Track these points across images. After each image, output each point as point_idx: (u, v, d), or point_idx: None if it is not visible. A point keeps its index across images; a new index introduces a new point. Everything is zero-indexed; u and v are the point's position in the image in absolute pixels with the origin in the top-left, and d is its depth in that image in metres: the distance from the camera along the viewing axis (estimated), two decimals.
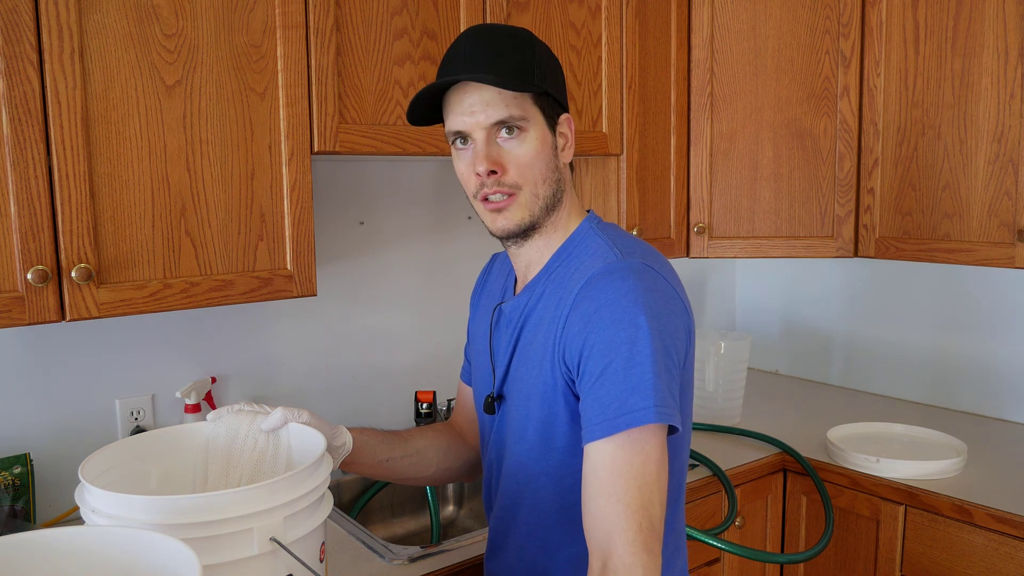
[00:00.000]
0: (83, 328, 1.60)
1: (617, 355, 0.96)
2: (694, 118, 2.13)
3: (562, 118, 1.11)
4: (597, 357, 0.98)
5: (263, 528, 0.92)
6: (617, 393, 0.96)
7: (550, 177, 1.09)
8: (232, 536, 0.91)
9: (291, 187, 1.46)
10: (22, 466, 1.51)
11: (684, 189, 2.15)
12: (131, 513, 0.91)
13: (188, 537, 0.85)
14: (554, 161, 1.09)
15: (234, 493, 0.92)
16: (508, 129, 1.05)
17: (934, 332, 2.32)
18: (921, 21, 1.95)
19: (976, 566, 1.66)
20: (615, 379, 0.96)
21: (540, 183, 1.08)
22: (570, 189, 1.16)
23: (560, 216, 1.14)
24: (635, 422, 0.94)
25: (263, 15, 1.41)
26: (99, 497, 0.94)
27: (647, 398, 0.94)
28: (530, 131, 1.06)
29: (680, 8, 2.08)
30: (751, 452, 1.97)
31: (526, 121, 1.05)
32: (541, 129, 1.07)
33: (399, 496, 1.89)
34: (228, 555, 0.91)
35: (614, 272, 1.02)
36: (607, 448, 0.96)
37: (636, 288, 0.99)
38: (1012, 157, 1.81)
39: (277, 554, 0.94)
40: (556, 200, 1.11)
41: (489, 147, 1.05)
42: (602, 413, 0.96)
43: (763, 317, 2.76)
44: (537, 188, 1.08)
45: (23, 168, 1.20)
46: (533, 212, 1.09)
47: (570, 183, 1.16)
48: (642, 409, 0.94)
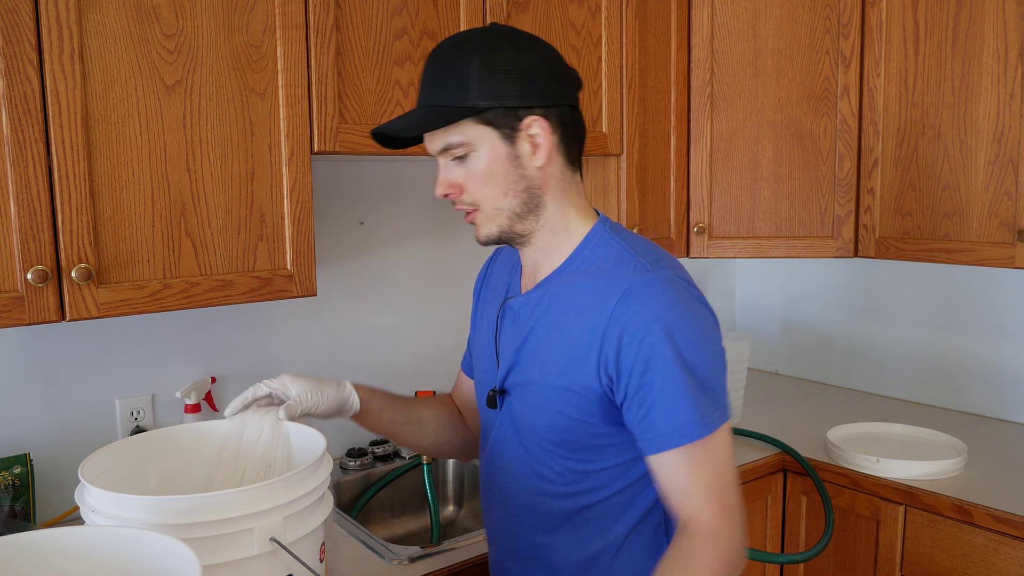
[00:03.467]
0: (83, 328, 1.60)
1: (675, 367, 1.01)
2: (694, 118, 2.13)
3: (525, 123, 1.06)
4: (655, 371, 1.01)
5: (263, 528, 0.93)
6: (683, 403, 1.01)
7: (513, 188, 1.08)
8: (232, 536, 0.92)
9: (291, 187, 1.46)
10: (22, 466, 1.51)
11: (684, 189, 2.15)
12: (131, 513, 0.91)
13: (188, 537, 0.85)
14: (516, 172, 1.07)
15: (234, 493, 0.93)
16: (458, 155, 1.08)
17: (934, 332, 2.32)
18: (921, 21, 1.95)
19: (976, 566, 1.66)
20: (680, 390, 1.01)
21: (500, 197, 1.08)
22: (562, 190, 1.12)
23: (552, 219, 1.12)
24: (709, 429, 1.01)
25: (263, 15, 1.41)
26: (99, 497, 0.94)
27: (714, 405, 1.03)
28: (476, 151, 1.07)
29: (680, 8, 2.08)
30: (751, 452, 1.97)
31: (467, 144, 1.07)
32: (490, 145, 1.06)
33: (399, 496, 1.89)
34: (228, 555, 0.92)
35: (654, 285, 1.04)
36: (682, 457, 1.03)
37: (681, 300, 1.04)
38: (1012, 157, 1.81)
39: (277, 554, 0.94)
40: (530, 208, 1.10)
41: (445, 171, 1.10)
42: (671, 423, 1.02)
43: (763, 317, 2.76)
44: (498, 202, 1.09)
45: (23, 168, 1.20)
46: (501, 224, 1.10)
47: (563, 183, 1.12)
48: (712, 415, 1.02)
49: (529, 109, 1.06)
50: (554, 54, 1.10)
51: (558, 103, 1.07)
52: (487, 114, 1.05)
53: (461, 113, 1.05)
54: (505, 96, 1.04)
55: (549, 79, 1.07)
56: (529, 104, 1.05)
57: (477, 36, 1.08)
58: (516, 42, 1.07)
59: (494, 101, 1.04)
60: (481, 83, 1.04)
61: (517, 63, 1.05)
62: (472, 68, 1.04)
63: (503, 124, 1.06)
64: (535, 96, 1.05)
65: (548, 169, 1.09)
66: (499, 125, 1.06)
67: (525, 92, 1.05)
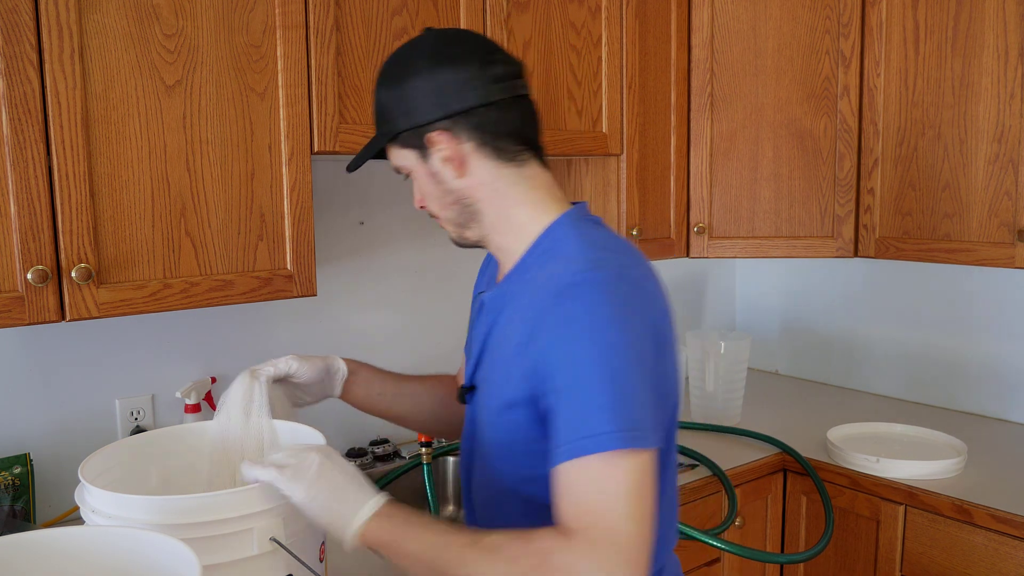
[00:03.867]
0: (83, 328, 1.60)
1: (580, 376, 0.92)
2: (694, 118, 2.13)
3: (429, 139, 1.05)
4: (565, 375, 0.94)
5: (263, 528, 0.93)
6: (583, 415, 0.91)
7: (444, 200, 1.10)
8: (232, 536, 0.92)
9: (291, 187, 1.46)
10: (22, 466, 1.51)
11: (684, 189, 2.15)
12: (131, 513, 0.92)
13: (189, 537, 0.85)
14: (439, 187, 1.08)
15: (233, 493, 0.93)
16: (405, 174, 1.13)
17: (934, 332, 2.32)
18: (921, 21, 1.95)
19: (976, 566, 1.66)
20: (581, 400, 0.92)
21: (441, 210, 1.12)
22: (498, 192, 1.07)
23: (494, 223, 1.10)
24: (599, 447, 0.89)
25: (263, 15, 1.41)
26: (99, 497, 0.94)
27: (611, 422, 0.90)
28: (413, 173, 1.11)
29: (680, 8, 2.08)
30: (751, 452, 1.97)
31: (403, 167, 1.11)
32: (418, 165, 1.09)
33: (399, 496, 1.87)
34: (229, 555, 0.92)
35: (583, 284, 0.96)
36: (571, 471, 0.91)
37: (606, 302, 0.94)
38: (1012, 157, 1.81)
39: (277, 554, 0.95)
40: (467, 216, 1.10)
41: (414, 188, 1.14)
42: (567, 435, 0.92)
43: (763, 317, 2.76)
44: (442, 213, 1.12)
45: (23, 168, 1.20)
46: (453, 231, 1.14)
47: (498, 185, 1.07)
48: (605, 433, 0.89)
49: (431, 125, 1.04)
50: (460, 54, 1.05)
51: (465, 108, 1.03)
52: (401, 137, 1.07)
53: (384, 140, 1.09)
54: (407, 118, 1.05)
55: (448, 87, 1.03)
56: (431, 120, 1.04)
57: (389, 61, 1.10)
58: (416, 57, 1.06)
59: (400, 125, 1.06)
60: (386, 112, 1.08)
61: (410, 84, 1.05)
62: (381, 95, 1.09)
63: (415, 144, 1.07)
64: (432, 110, 1.04)
65: (472, 178, 1.07)
66: (413, 146, 1.07)
67: (421, 110, 1.04)
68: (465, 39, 1.08)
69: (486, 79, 1.04)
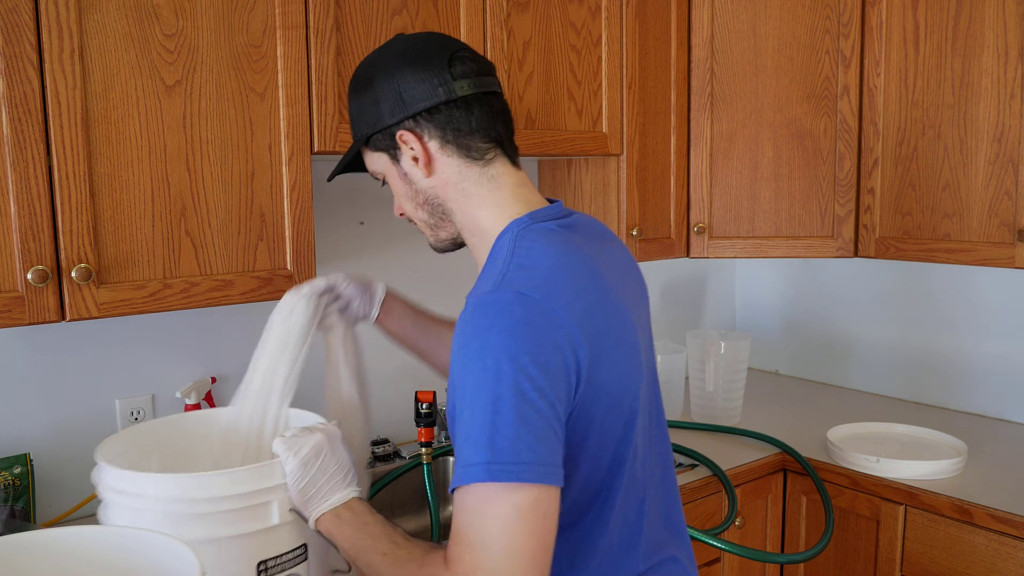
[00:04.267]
0: (83, 328, 1.60)
1: (466, 402, 0.90)
2: (694, 118, 2.13)
3: (398, 139, 1.05)
4: (456, 400, 0.92)
5: (283, 500, 1.00)
6: (464, 443, 0.89)
7: (416, 200, 1.10)
8: (254, 508, 0.99)
9: (291, 187, 1.46)
10: (22, 466, 1.51)
11: (684, 189, 2.15)
12: (156, 491, 0.97)
13: (214, 511, 0.96)
14: (411, 187, 1.08)
15: (253, 469, 1.00)
16: (380, 181, 1.14)
17: (934, 332, 2.32)
18: (921, 21, 1.95)
19: (976, 566, 1.66)
20: (464, 428, 0.90)
21: (415, 211, 1.11)
22: (463, 191, 1.06)
23: (463, 223, 1.08)
24: (471, 477, 0.87)
25: (263, 15, 1.41)
26: (122, 478, 0.98)
27: (481, 453, 0.87)
28: (386, 176, 1.12)
29: (680, 8, 2.08)
30: (751, 452, 1.97)
31: (379, 172, 1.12)
32: (390, 168, 1.10)
33: (399, 496, 1.89)
34: (251, 526, 0.99)
35: (480, 306, 0.93)
36: (456, 498, 0.90)
37: (497, 327, 0.90)
38: (1012, 157, 1.81)
39: (295, 524, 1.02)
40: (438, 216, 1.09)
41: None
42: (456, 462, 0.91)
43: (763, 317, 2.76)
44: (416, 215, 1.12)
45: (23, 168, 1.20)
46: (429, 233, 1.13)
47: (463, 184, 1.06)
48: (475, 465, 0.87)
49: (398, 124, 1.05)
50: (422, 53, 1.05)
51: (423, 106, 1.03)
52: (372, 141, 1.09)
53: (357, 145, 1.11)
54: (375, 120, 1.06)
55: (410, 87, 1.03)
56: (397, 120, 1.04)
57: (358, 68, 1.11)
58: (381, 62, 1.07)
59: (370, 127, 1.07)
60: (359, 115, 1.09)
61: (377, 85, 1.06)
62: (353, 101, 1.10)
63: (386, 146, 1.08)
64: (398, 110, 1.04)
65: (438, 176, 1.06)
66: (383, 148, 1.08)
67: (387, 110, 1.05)
68: (431, 40, 1.07)
69: (449, 77, 1.03)
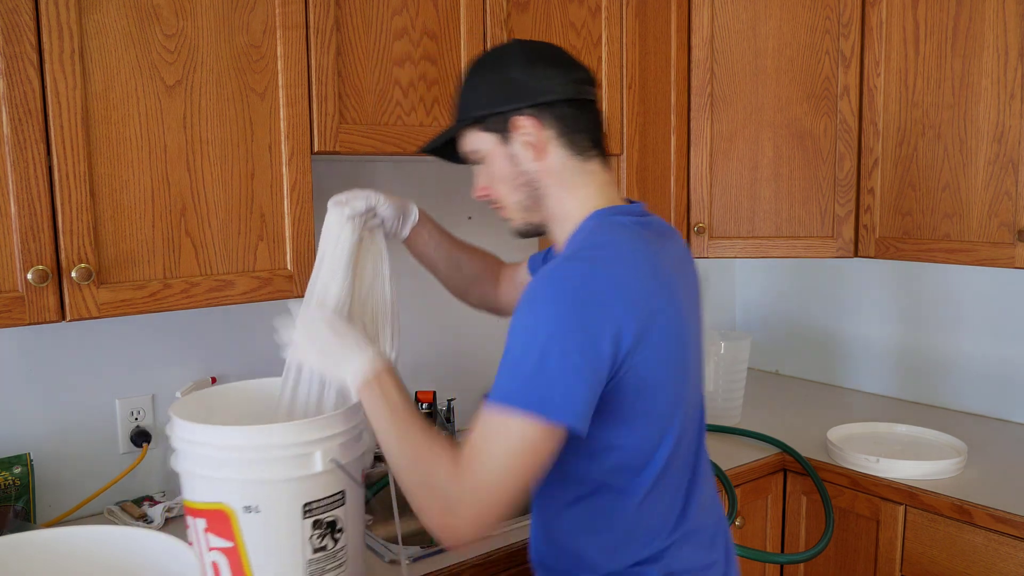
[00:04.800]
0: (83, 328, 1.60)
1: (516, 340, 1.03)
2: (694, 118, 2.13)
3: (515, 123, 1.15)
4: (508, 339, 1.05)
5: (326, 451, 1.14)
6: (503, 369, 1.03)
7: (516, 183, 1.19)
8: (302, 457, 1.13)
9: (291, 187, 1.46)
10: (22, 466, 1.51)
11: (684, 189, 2.15)
12: (223, 440, 1.12)
13: (267, 457, 1.11)
14: (516, 169, 1.18)
15: (303, 423, 1.14)
16: (475, 160, 1.23)
17: (934, 332, 2.32)
18: (921, 21, 1.95)
19: (976, 566, 1.66)
20: (507, 357, 1.03)
21: (510, 193, 1.20)
22: (563, 181, 1.18)
23: (554, 210, 1.19)
24: (502, 399, 1.01)
25: (263, 15, 1.41)
26: (192, 430, 1.13)
27: (515, 381, 1.01)
28: (484, 157, 1.21)
29: (680, 8, 2.08)
30: (751, 452, 1.97)
31: (476, 152, 1.21)
32: (493, 148, 1.19)
33: (399, 496, 1.89)
34: (298, 472, 1.13)
35: (552, 270, 1.06)
36: (483, 410, 1.04)
37: (562, 286, 1.03)
38: (1012, 157, 1.81)
39: (335, 472, 1.16)
40: (534, 199, 1.19)
41: (476, 177, 1.24)
42: (494, 383, 1.04)
43: (763, 317, 2.76)
44: (510, 198, 1.21)
45: (23, 168, 1.20)
46: (518, 215, 1.22)
47: (564, 175, 1.18)
48: (511, 390, 1.01)
49: (518, 111, 1.15)
50: (552, 57, 1.18)
51: (551, 101, 1.15)
52: (485, 121, 1.18)
53: (466, 123, 1.20)
54: (495, 103, 1.16)
55: (539, 81, 1.15)
56: (518, 106, 1.15)
57: (481, 57, 1.22)
58: (512, 54, 1.18)
59: (487, 108, 1.17)
60: (479, 96, 1.18)
61: (507, 73, 1.16)
62: (472, 83, 1.20)
63: (498, 128, 1.17)
64: (523, 97, 1.15)
65: (545, 163, 1.17)
66: (496, 129, 1.17)
67: (513, 96, 1.15)
68: (556, 47, 1.21)
69: (570, 80, 1.17)
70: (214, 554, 1.13)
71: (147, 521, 1.58)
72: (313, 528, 1.16)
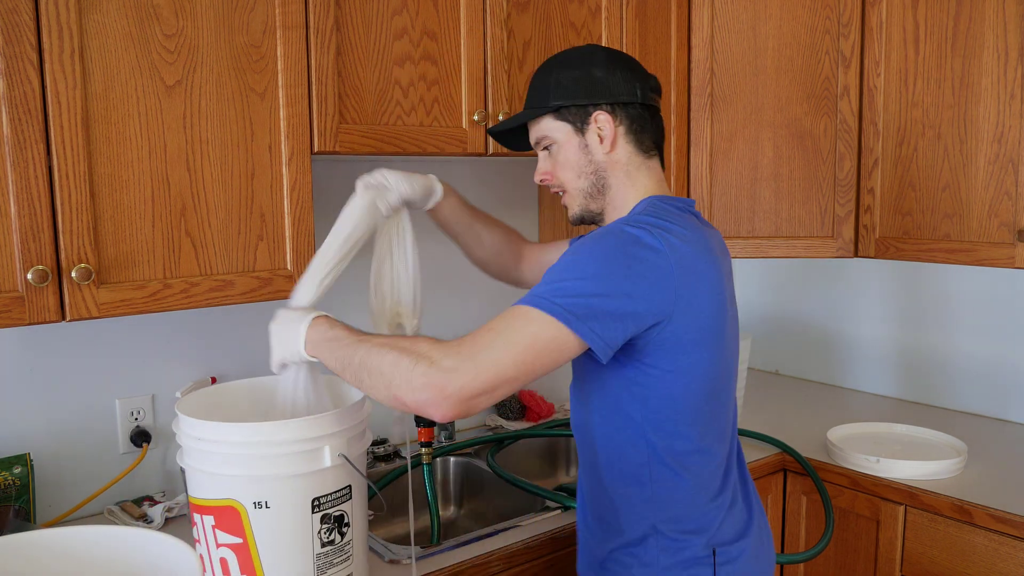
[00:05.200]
0: (83, 328, 1.60)
1: (563, 264, 1.14)
2: (694, 118, 2.13)
3: (593, 116, 1.28)
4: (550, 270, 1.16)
5: (333, 446, 1.17)
6: (542, 283, 1.13)
7: (584, 171, 1.30)
8: (311, 452, 1.16)
9: (291, 187, 1.46)
10: (22, 466, 1.51)
11: (684, 189, 2.15)
12: (233, 437, 1.14)
13: (278, 453, 1.13)
14: (586, 157, 1.30)
15: (312, 419, 1.17)
16: (545, 146, 1.33)
17: (934, 332, 2.32)
18: (921, 21, 1.95)
19: (976, 566, 1.66)
20: (550, 276, 1.14)
21: (575, 179, 1.31)
22: (627, 174, 1.30)
23: (615, 199, 1.30)
24: (525, 301, 1.11)
25: (263, 15, 1.41)
26: (200, 428, 1.15)
27: (546, 289, 1.11)
28: (556, 144, 1.31)
29: (680, 8, 2.08)
30: (751, 452, 1.97)
31: (548, 138, 1.32)
32: (567, 137, 1.30)
33: (399, 496, 1.89)
34: (308, 467, 1.16)
35: (612, 227, 1.18)
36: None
37: (612, 239, 1.15)
38: (1012, 157, 1.81)
39: (343, 467, 1.19)
40: (598, 187, 1.31)
41: (541, 162, 1.36)
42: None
43: (763, 317, 2.76)
44: (575, 184, 1.32)
45: (23, 168, 1.20)
46: (579, 202, 1.33)
47: (629, 168, 1.29)
48: (536, 295, 1.10)
49: (596, 106, 1.27)
50: (629, 64, 1.31)
51: (625, 101, 1.28)
52: (563, 111, 1.29)
53: (543, 111, 1.30)
54: (576, 96, 1.28)
55: (618, 82, 1.28)
56: (596, 101, 1.27)
57: (564, 54, 1.33)
58: (594, 56, 1.30)
59: (568, 100, 1.28)
60: (559, 88, 1.29)
61: (591, 71, 1.28)
62: (553, 77, 1.30)
63: (575, 119, 1.29)
64: (602, 95, 1.27)
65: (614, 155, 1.29)
66: (572, 120, 1.29)
67: (594, 92, 1.27)
68: (629, 56, 1.33)
69: (645, 86, 1.30)
70: (223, 551, 1.14)
71: (147, 521, 1.58)
72: (322, 523, 1.19)
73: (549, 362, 1.10)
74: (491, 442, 1.99)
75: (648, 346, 1.16)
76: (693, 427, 1.23)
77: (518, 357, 1.07)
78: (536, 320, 1.08)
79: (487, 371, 1.06)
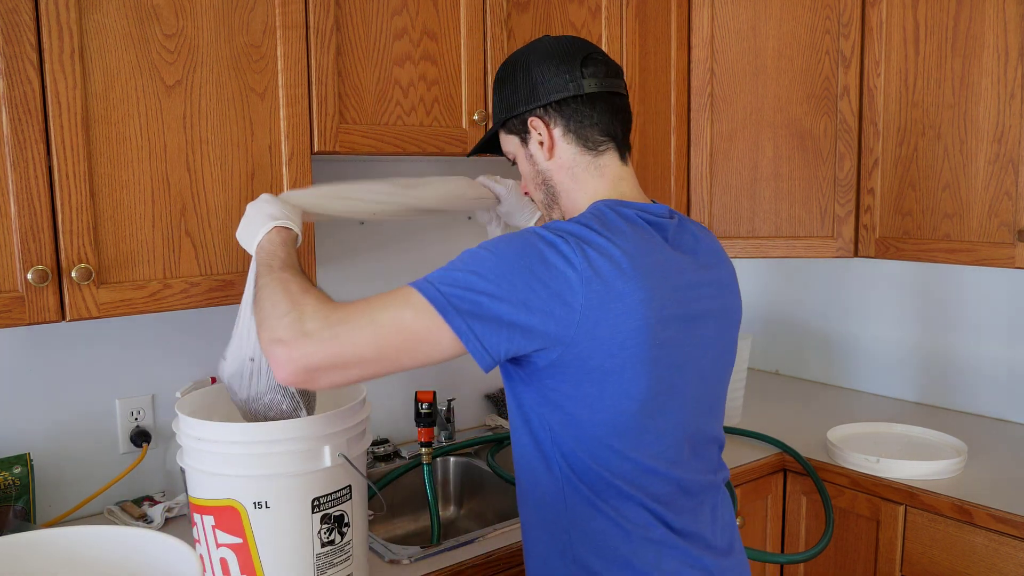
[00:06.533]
0: (83, 328, 1.60)
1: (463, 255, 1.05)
2: (694, 118, 2.13)
3: (529, 124, 1.20)
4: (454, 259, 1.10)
5: (334, 446, 1.17)
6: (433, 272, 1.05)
7: (535, 181, 1.24)
8: (311, 451, 1.16)
9: (291, 187, 1.46)
10: (22, 466, 1.51)
11: (684, 189, 2.15)
12: (232, 437, 1.14)
13: (278, 452, 1.13)
14: (534, 168, 1.23)
15: (312, 419, 1.17)
16: (512, 160, 1.28)
17: (934, 332, 2.32)
18: (921, 21, 1.95)
19: (976, 566, 1.66)
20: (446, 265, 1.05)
21: (535, 191, 1.26)
22: (573, 176, 1.19)
23: (566, 205, 1.22)
24: (413, 283, 1.03)
25: (263, 15, 1.41)
26: (200, 428, 1.16)
27: (434, 275, 1.03)
28: (516, 158, 1.26)
29: (680, 8, 2.08)
30: (751, 452, 1.97)
31: (510, 152, 1.27)
32: (517, 149, 1.24)
33: (399, 496, 1.89)
34: (308, 467, 1.16)
35: (523, 230, 1.09)
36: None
37: (520, 239, 1.05)
38: (1012, 157, 1.81)
39: (343, 467, 1.20)
40: (551, 196, 1.23)
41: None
42: None
43: (763, 317, 2.76)
44: (535, 195, 1.26)
45: (23, 168, 1.20)
46: (543, 212, 1.28)
47: (574, 170, 1.19)
48: (424, 280, 1.03)
49: (531, 111, 1.19)
50: (563, 51, 1.18)
51: (558, 99, 1.16)
52: (508, 124, 1.23)
53: (495, 127, 1.26)
54: (515, 105, 1.20)
55: (547, 79, 1.17)
56: (530, 107, 1.19)
57: (509, 58, 1.24)
58: (531, 54, 1.20)
59: (508, 112, 1.22)
60: (501, 101, 1.23)
61: (528, 73, 1.19)
62: (498, 86, 1.24)
63: (518, 130, 1.22)
64: (534, 98, 1.18)
65: (556, 160, 1.20)
66: (516, 131, 1.23)
67: (529, 96, 1.19)
68: (570, 42, 1.20)
69: (580, 75, 1.16)
70: (223, 551, 1.14)
71: (147, 521, 1.58)
72: (322, 523, 1.19)
73: (419, 354, 1.01)
74: (491, 442, 1.99)
75: (549, 367, 1.04)
76: (613, 456, 1.08)
77: (382, 340, 1.00)
78: (414, 305, 1.00)
79: (342, 345, 0.99)
